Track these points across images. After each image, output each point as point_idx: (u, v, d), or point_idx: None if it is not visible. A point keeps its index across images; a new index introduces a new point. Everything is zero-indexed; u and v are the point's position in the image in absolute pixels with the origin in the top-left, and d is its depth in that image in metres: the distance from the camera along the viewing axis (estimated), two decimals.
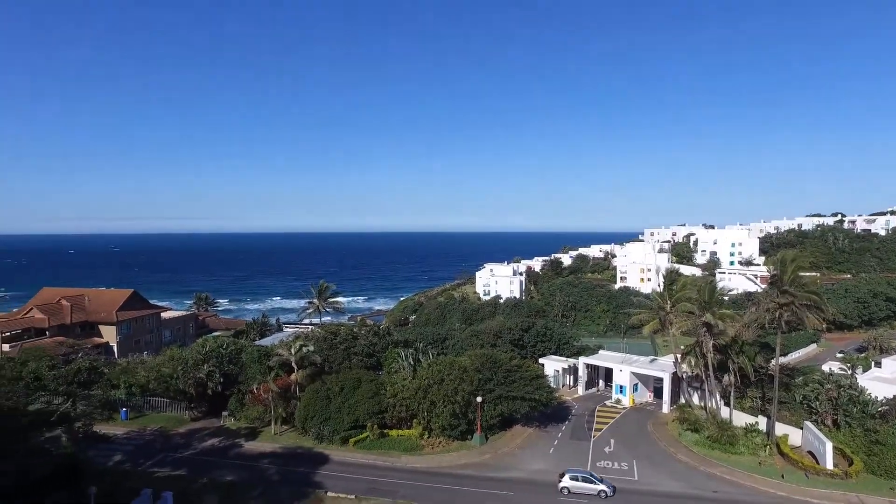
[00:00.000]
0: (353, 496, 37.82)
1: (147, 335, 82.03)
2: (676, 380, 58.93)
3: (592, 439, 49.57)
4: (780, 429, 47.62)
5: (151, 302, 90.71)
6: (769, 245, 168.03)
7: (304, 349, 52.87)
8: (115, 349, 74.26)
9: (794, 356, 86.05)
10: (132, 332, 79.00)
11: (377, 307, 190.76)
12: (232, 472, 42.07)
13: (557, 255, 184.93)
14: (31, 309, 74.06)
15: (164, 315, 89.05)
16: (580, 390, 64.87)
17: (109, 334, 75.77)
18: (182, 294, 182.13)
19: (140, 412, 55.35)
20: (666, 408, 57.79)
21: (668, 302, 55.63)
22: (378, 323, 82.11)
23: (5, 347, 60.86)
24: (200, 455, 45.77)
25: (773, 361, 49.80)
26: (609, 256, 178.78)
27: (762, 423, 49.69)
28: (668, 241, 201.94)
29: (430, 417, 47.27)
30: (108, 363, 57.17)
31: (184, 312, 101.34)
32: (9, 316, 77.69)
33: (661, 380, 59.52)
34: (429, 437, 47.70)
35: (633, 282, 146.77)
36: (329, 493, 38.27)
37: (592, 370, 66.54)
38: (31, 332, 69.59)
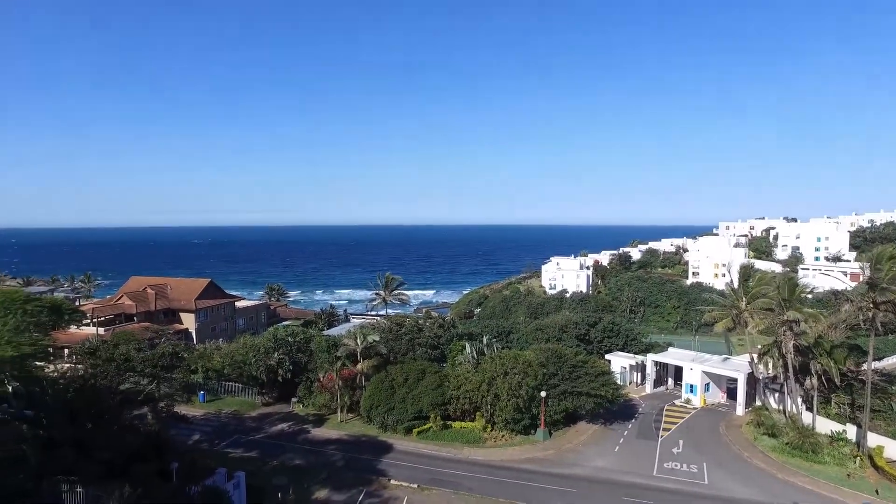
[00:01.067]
0: (415, 485, 38.29)
1: (222, 323, 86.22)
2: (752, 381, 55.90)
3: (660, 439, 47.85)
4: (873, 439, 43.87)
5: (227, 291, 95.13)
6: (861, 240, 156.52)
7: (370, 340, 53.96)
8: (194, 335, 78.48)
9: (890, 361, 79.61)
10: (209, 319, 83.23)
11: (442, 299, 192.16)
12: (300, 456, 43.62)
13: (626, 249, 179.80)
14: (122, 296, 79.53)
15: (238, 304, 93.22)
16: (648, 388, 62.81)
17: (189, 321, 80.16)
18: (255, 285, 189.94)
19: (216, 395, 58.32)
20: (740, 410, 54.94)
21: (743, 299, 52.80)
22: (443, 315, 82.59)
23: (100, 331, 65.52)
24: (271, 439, 47.71)
25: (866, 365, 46.24)
26: (681, 251, 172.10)
27: (851, 431, 46.15)
28: (745, 236, 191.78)
29: (493, 411, 47.13)
30: (188, 348, 60.49)
31: (256, 302, 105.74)
32: (103, 302, 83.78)
33: (734, 380, 56.62)
34: (491, 431, 47.59)
35: (705, 277, 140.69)
36: (392, 481, 38.93)
37: (661, 368, 64.23)
38: (121, 318, 74.69)
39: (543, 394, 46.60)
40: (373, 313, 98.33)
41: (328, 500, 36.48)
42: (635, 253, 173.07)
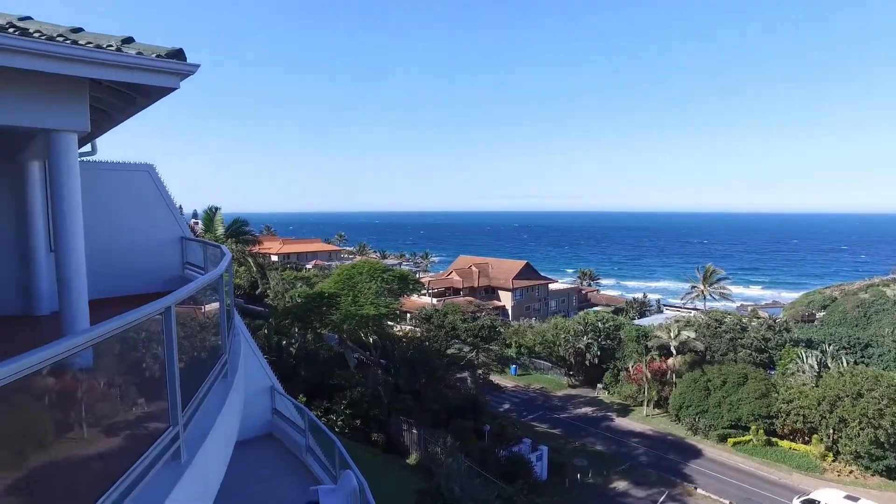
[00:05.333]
0: (727, 501, 34.38)
1: (535, 303, 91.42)
2: None
3: None
4: None
5: (541, 274, 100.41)
6: None
7: (685, 335, 50.34)
8: (510, 312, 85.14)
9: None
10: (523, 298, 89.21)
11: (774, 298, 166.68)
12: (601, 442, 43.50)
13: None
14: (452, 272, 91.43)
15: (551, 286, 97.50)
16: None
17: (506, 299, 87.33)
18: (568, 269, 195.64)
19: (526, 371, 62.31)
20: None
21: None
22: (774, 316, 71.67)
23: (433, 301, 76.60)
24: (574, 420, 48.77)
25: None
26: None
27: None
28: None
29: (836, 437, 38.91)
30: (504, 324, 65.88)
31: (568, 286, 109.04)
32: (437, 276, 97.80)
33: None
34: (834, 461, 39.38)
35: None
36: (699, 490, 35.73)
37: None
38: (450, 291, 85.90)
39: None
40: (689, 306, 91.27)
41: (626, 493, 35.55)
42: None
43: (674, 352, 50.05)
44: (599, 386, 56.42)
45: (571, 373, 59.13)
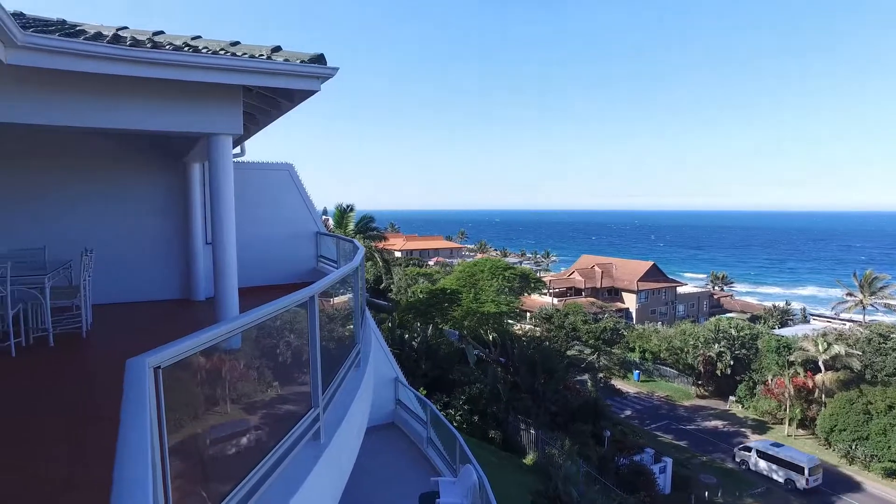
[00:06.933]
0: None
1: (662, 306, 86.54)
2: None
3: None
4: None
5: (668, 276, 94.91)
6: None
7: (837, 348, 45.05)
8: (634, 315, 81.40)
9: None
10: (649, 301, 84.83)
11: None
12: (733, 460, 40.23)
13: None
14: (574, 272, 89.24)
15: (680, 290, 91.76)
16: None
17: (630, 301, 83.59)
18: (694, 272, 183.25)
19: (649, 377, 59.25)
20: None
21: None
22: None
23: (554, 301, 75.33)
24: (702, 433, 45.57)
25: None
26: None
27: None
28: None
29: None
30: (627, 327, 63.19)
31: (699, 289, 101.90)
32: (558, 275, 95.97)
33: None
34: None
35: None
36: None
37: None
38: (571, 291, 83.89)
39: None
40: (844, 317, 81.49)
41: None
42: None
43: (822, 367, 44.99)
44: (732, 399, 52.22)
45: (700, 382, 55.30)
